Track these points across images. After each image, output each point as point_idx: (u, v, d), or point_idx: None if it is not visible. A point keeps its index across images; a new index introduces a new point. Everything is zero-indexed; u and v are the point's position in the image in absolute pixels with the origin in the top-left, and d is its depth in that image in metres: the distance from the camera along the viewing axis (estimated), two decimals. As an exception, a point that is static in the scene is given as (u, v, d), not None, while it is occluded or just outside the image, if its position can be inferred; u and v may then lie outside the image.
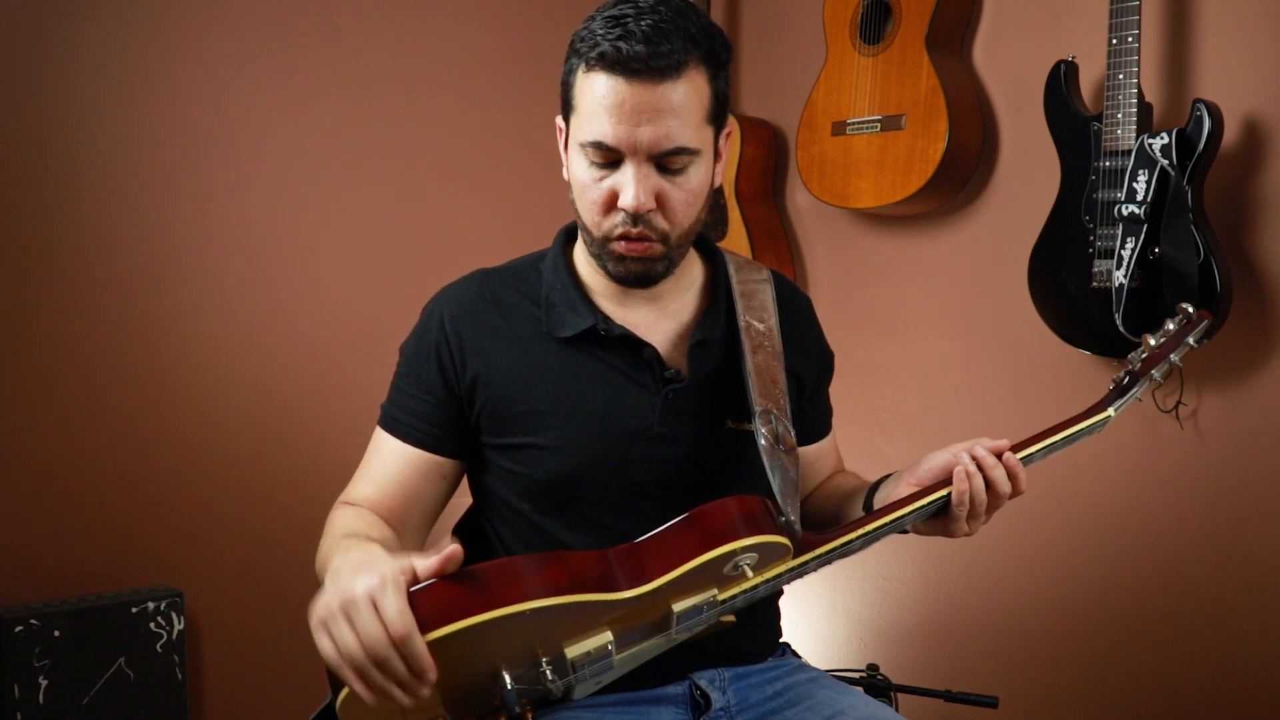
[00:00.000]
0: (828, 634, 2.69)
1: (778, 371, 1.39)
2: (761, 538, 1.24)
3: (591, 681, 1.25)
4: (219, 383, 2.42)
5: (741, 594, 1.26)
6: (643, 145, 1.26)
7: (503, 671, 1.17)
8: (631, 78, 1.24)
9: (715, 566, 1.23)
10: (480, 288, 1.44)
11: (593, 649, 1.19)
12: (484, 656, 1.17)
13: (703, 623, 1.27)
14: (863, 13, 2.42)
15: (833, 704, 1.40)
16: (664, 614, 1.23)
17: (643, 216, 1.29)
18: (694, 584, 1.23)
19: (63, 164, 2.28)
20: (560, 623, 1.18)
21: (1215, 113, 1.87)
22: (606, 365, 1.38)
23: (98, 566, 2.29)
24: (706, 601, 1.24)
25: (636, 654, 1.27)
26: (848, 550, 1.33)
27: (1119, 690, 2.21)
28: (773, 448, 1.33)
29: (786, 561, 1.28)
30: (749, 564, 1.24)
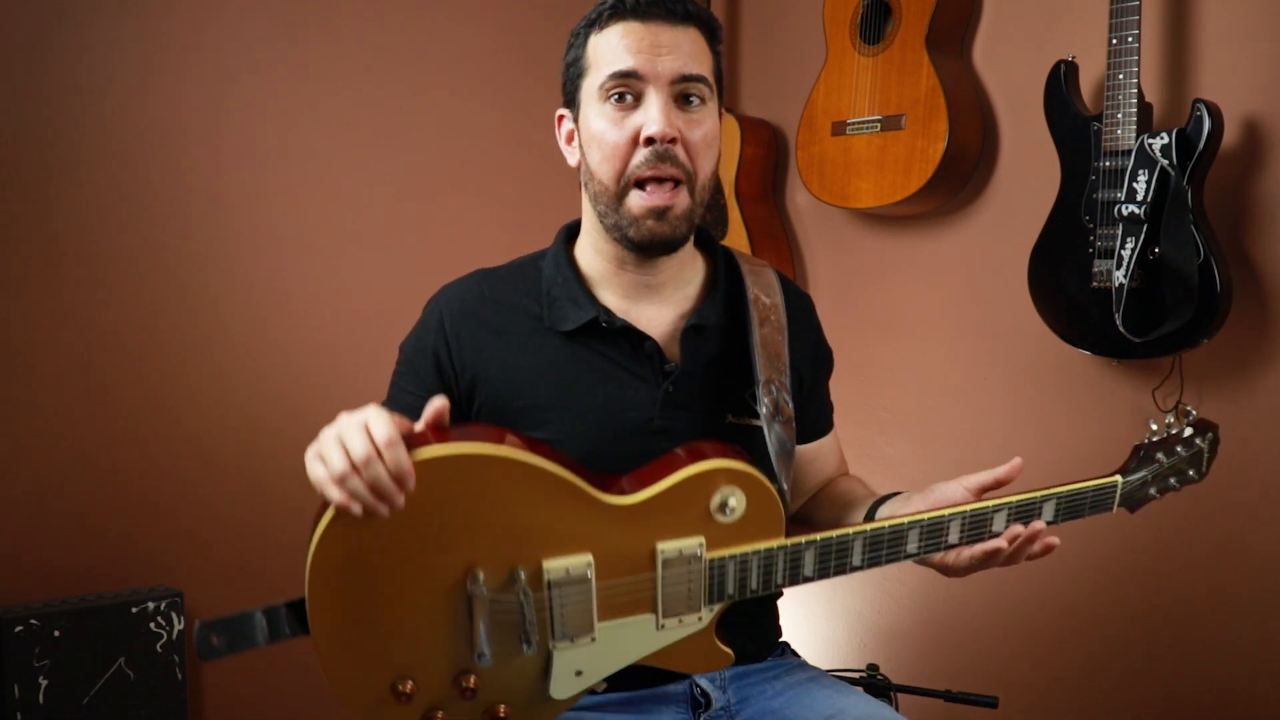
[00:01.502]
0: (828, 634, 2.69)
1: (781, 345, 1.41)
2: (750, 470, 1.25)
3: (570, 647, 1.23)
4: (219, 383, 2.42)
5: (730, 561, 1.25)
6: (664, 72, 1.32)
7: (478, 570, 1.18)
8: (647, 20, 1.33)
9: (701, 494, 1.24)
10: (480, 287, 1.45)
11: (571, 567, 1.20)
12: (463, 531, 1.18)
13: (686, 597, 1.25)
14: (863, 13, 2.42)
15: (832, 703, 1.40)
16: (649, 552, 1.23)
17: (667, 151, 1.31)
18: (681, 519, 1.24)
19: (63, 164, 2.28)
20: (540, 514, 1.19)
21: (1215, 113, 1.87)
22: (607, 359, 1.38)
23: (98, 566, 2.29)
24: (693, 552, 1.24)
25: (619, 634, 1.24)
26: (845, 553, 1.31)
27: (1118, 690, 2.21)
28: (772, 416, 1.35)
29: (776, 534, 1.27)
30: (736, 507, 1.24)
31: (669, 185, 1.32)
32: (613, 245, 1.39)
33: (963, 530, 1.34)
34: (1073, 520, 1.40)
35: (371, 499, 1.12)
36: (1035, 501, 1.36)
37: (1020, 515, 1.35)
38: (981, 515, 1.34)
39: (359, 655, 1.21)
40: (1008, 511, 1.35)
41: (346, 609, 1.19)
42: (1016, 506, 1.35)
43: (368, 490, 1.11)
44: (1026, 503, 1.35)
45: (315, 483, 1.14)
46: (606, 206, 1.35)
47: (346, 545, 1.17)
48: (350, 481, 1.11)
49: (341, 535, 1.16)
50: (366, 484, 1.11)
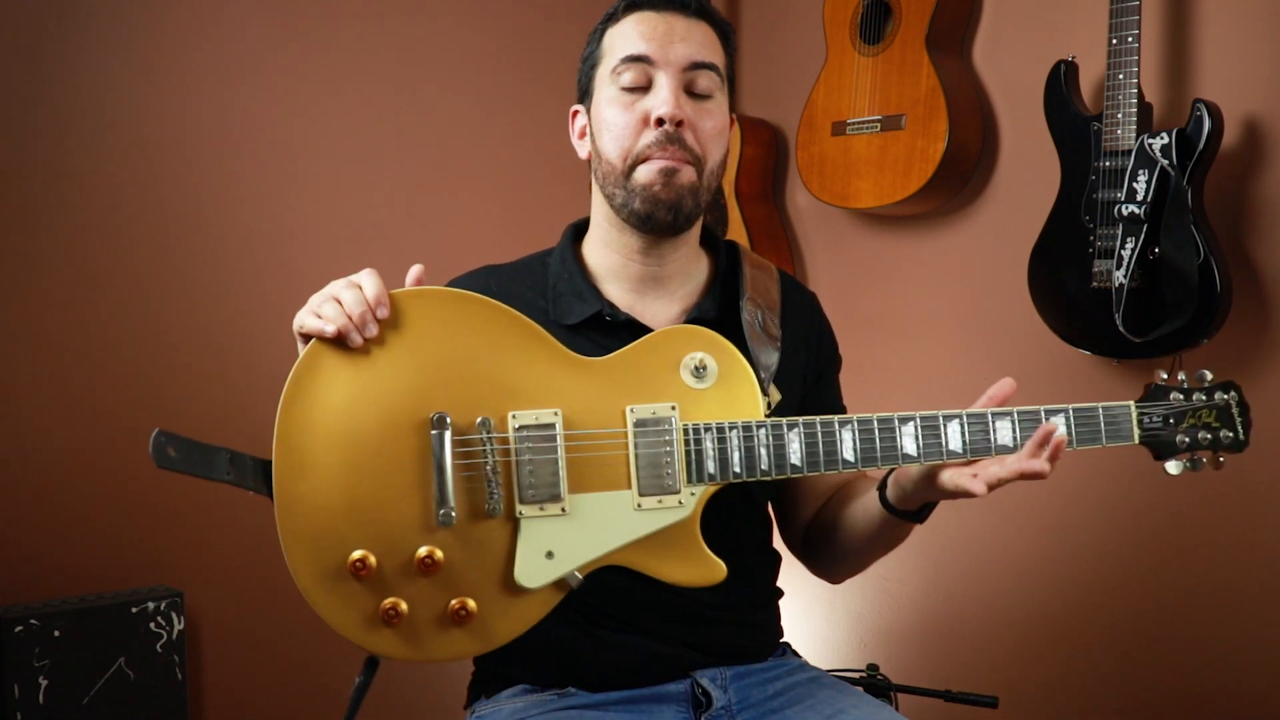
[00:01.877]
0: (828, 634, 2.69)
1: (773, 288, 1.44)
2: (721, 339, 1.26)
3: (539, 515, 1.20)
4: (219, 382, 2.42)
5: (707, 432, 1.23)
6: (675, 57, 1.34)
7: (445, 415, 1.19)
8: (661, 10, 1.35)
9: (672, 354, 1.24)
10: (486, 281, 1.45)
11: (539, 415, 1.20)
12: (431, 376, 1.19)
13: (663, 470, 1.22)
14: (863, 13, 2.42)
15: (833, 703, 1.40)
16: (620, 413, 1.23)
17: (676, 133, 1.32)
18: (653, 382, 1.24)
19: (63, 164, 2.27)
20: (510, 364, 1.21)
21: (1215, 113, 1.87)
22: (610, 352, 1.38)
23: (98, 566, 2.28)
24: (666, 414, 1.22)
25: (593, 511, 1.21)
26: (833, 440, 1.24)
27: (1118, 690, 2.21)
28: (756, 328, 1.36)
29: (753, 414, 1.24)
30: (708, 369, 1.24)
31: (679, 161, 1.34)
32: (621, 234, 1.40)
33: (964, 433, 1.25)
34: (1093, 446, 1.29)
35: (346, 321, 1.18)
36: (1040, 412, 1.27)
37: (1025, 424, 1.26)
38: (981, 418, 1.26)
39: (320, 516, 1.18)
40: (1011, 420, 1.26)
41: (313, 463, 1.18)
42: (1021, 414, 1.26)
43: (344, 314, 1.18)
44: (1032, 412, 1.26)
45: (297, 323, 1.22)
46: (614, 186, 1.36)
47: (318, 389, 1.19)
48: (327, 307, 1.19)
49: (313, 376, 1.19)
50: (345, 308, 1.19)
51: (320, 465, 1.18)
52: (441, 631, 1.20)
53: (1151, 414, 1.33)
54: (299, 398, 1.19)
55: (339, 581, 1.18)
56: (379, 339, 1.20)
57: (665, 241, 1.39)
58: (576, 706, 1.35)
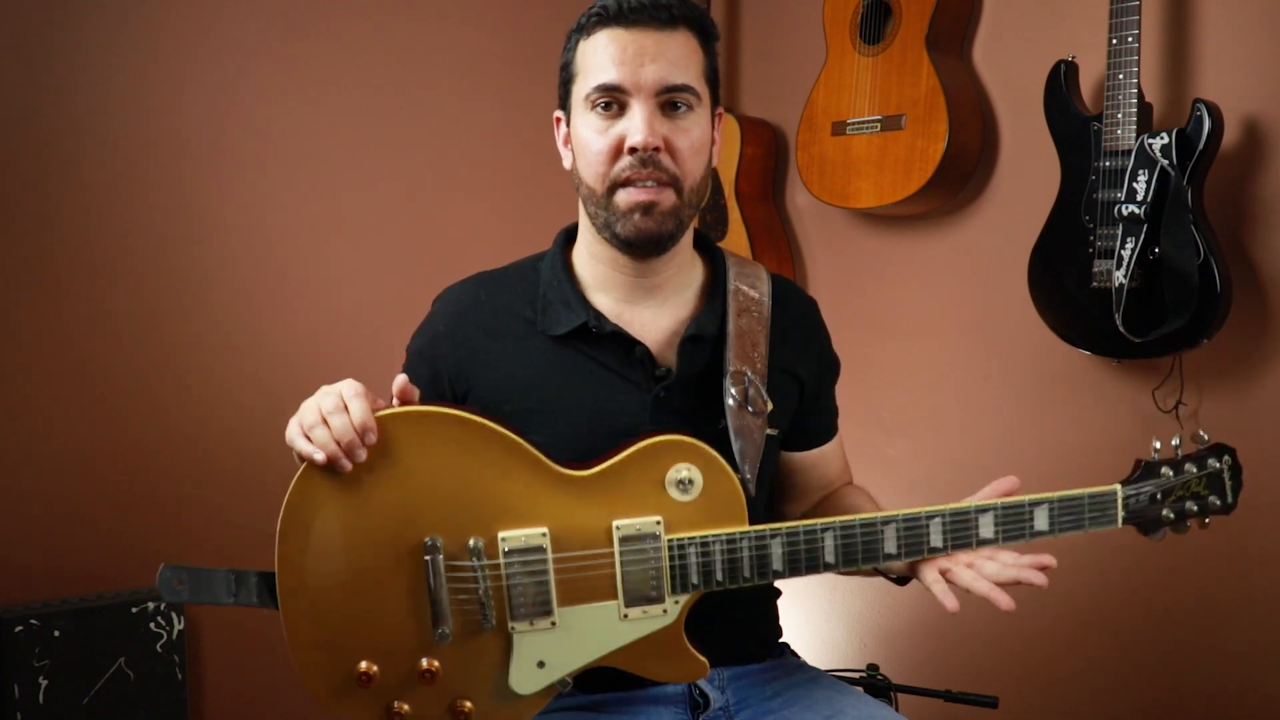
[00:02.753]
0: (828, 634, 2.69)
1: (760, 337, 1.40)
2: (706, 448, 1.26)
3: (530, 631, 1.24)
4: (220, 383, 2.42)
5: (691, 545, 1.24)
6: (647, 83, 1.30)
7: (436, 539, 1.22)
8: (631, 26, 1.31)
9: (657, 468, 1.25)
10: (477, 290, 1.45)
11: (525, 537, 1.23)
12: (421, 498, 1.22)
13: (649, 582, 1.24)
14: (863, 13, 2.42)
15: (832, 703, 1.40)
16: (606, 529, 1.24)
17: (651, 158, 1.31)
18: (637, 496, 1.25)
19: (62, 165, 2.28)
20: (497, 483, 1.23)
21: (1215, 113, 1.87)
22: (598, 364, 1.38)
23: (98, 566, 2.29)
24: (650, 530, 1.24)
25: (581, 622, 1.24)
26: (815, 547, 1.27)
27: (1118, 690, 2.21)
28: (740, 408, 1.34)
29: (739, 522, 1.26)
30: (693, 482, 1.25)
31: (654, 186, 1.32)
32: (606, 247, 1.38)
33: (945, 531, 1.29)
34: (1075, 533, 1.33)
35: (335, 448, 1.20)
36: (1024, 505, 1.29)
37: (1008, 519, 1.29)
38: (964, 515, 1.29)
39: (324, 632, 1.24)
40: (994, 514, 1.29)
41: (313, 581, 1.23)
42: (1004, 509, 1.29)
43: (333, 440, 1.19)
44: (1014, 505, 1.29)
45: (289, 440, 1.24)
46: (596, 207, 1.35)
47: (313, 513, 1.22)
48: (317, 431, 1.20)
49: (309, 501, 1.22)
50: (333, 434, 1.19)
51: (321, 584, 1.24)
52: None
53: (1139, 495, 1.34)
54: (295, 520, 1.24)
55: (347, 689, 1.25)
56: (367, 463, 1.23)
57: (653, 258, 1.38)
58: (574, 708, 1.36)
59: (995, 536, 1.29)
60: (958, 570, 1.29)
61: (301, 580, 1.24)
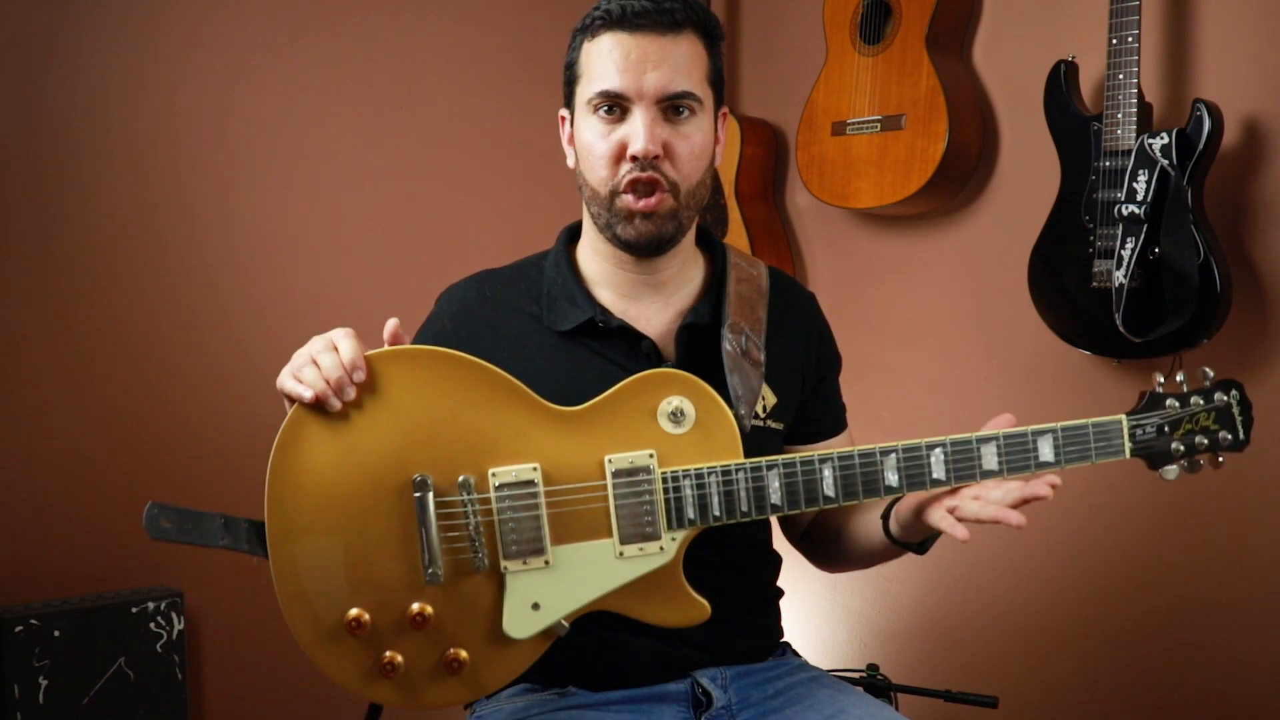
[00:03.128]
0: (828, 634, 2.69)
1: (758, 303, 1.41)
2: (698, 381, 1.25)
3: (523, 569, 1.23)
4: (219, 383, 2.42)
5: (686, 478, 1.23)
6: (649, 90, 1.31)
7: (426, 477, 1.21)
8: (635, 31, 1.31)
9: (648, 400, 1.24)
10: (481, 287, 1.46)
11: (517, 471, 1.22)
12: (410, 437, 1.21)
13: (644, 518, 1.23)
14: (863, 13, 2.42)
15: (833, 703, 1.40)
16: (598, 463, 1.24)
17: (652, 164, 1.31)
18: (630, 429, 1.24)
19: (62, 164, 2.27)
20: (487, 420, 1.22)
21: (1215, 113, 1.87)
22: (604, 359, 1.38)
23: (98, 566, 2.28)
24: (644, 463, 1.23)
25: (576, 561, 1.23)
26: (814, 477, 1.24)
27: (1118, 690, 2.21)
28: (738, 355, 1.34)
29: (734, 456, 1.25)
30: (685, 414, 1.24)
31: (654, 193, 1.33)
32: (610, 245, 1.39)
33: (947, 461, 1.25)
34: (1081, 464, 1.27)
35: (324, 386, 1.20)
36: (1027, 435, 1.25)
37: (1011, 449, 1.25)
38: (966, 446, 1.25)
39: (314, 576, 1.22)
40: (997, 444, 1.25)
41: (303, 526, 1.22)
42: (1007, 439, 1.25)
43: (321, 379, 1.20)
44: (1018, 435, 1.25)
45: (279, 385, 1.24)
46: (599, 208, 1.37)
47: (302, 455, 1.21)
48: (306, 371, 1.21)
49: (298, 442, 1.21)
50: (322, 373, 1.20)
51: (311, 528, 1.23)
52: (436, 681, 1.25)
53: (1145, 425, 1.30)
54: (285, 463, 1.23)
55: (336, 639, 1.23)
56: (357, 402, 1.22)
57: (654, 257, 1.39)
58: (577, 706, 1.36)
59: (999, 468, 1.25)
60: (964, 503, 1.24)
61: (291, 523, 1.22)
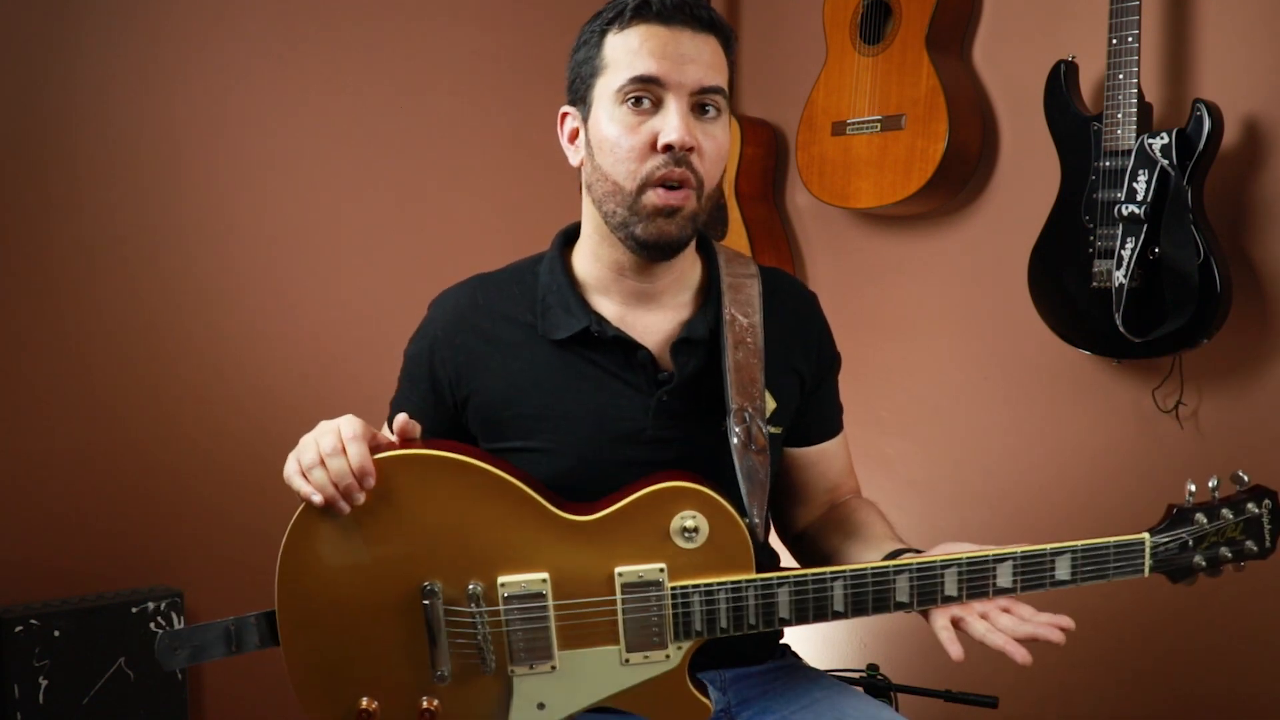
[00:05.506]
0: (828, 634, 2.69)
1: (756, 370, 1.38)
2: (713, 494, 1.24)
3: (529, 674, 1.24)
4: (219, 383, 2.42)
5: (695, 592, 1.23)
6: (687, 81, 1.30)
7: (435, 583, 1.22)
8: (671, 25, 1.30)
9: (661, 515, 1.23)
10: (475, 294, 1.44)
11: (526, 583, 1.22)
12: (421, 541, 1.21)
13: (651, 629, 1.23)
14: (863, 13, 2.42)
15: (833, 704, 1.40)
16: (608, 575, 1.23)
17: (684, 158, 1.29)
18: (641, 542, 1.23)
19: (62, 167, 2.28)
20: (497, 527, 1.22)
21: (1215, 113, 1.87)
22: (599, 368, 1.37)
23: (98, 566, 2.29)
24: (654, 578, 1.22)
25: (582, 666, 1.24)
26: (824, 595, 1.24)
27: (1118, 690, 2.21)
28: (744, 448, 1.32)
29: (745, 569, 1.25)
30: (698, 530, 1.23)
31: (680, 189, 1.31)
32: (613, 250, 1.37)
33: (961, 581, 1.25)
34: (1098, 582, 1.26)
35: (333, 491, 1.20)
36: (1045, 554, 1.24)
37: (1028, 568, 1.25)
38: (982, 565, 1.24)
39: (326, 668, 1.24)
40: (1013, 563, 1.24)
41: (313, 620, 1.24)
42: (1024, 558, 1.24)
43: (331, 482, 1.19)
44: (1035, 554, 1.24)
45: (287, 478, 1.23)
46: (618, 205, 1.32)
47: (313, 552, 1.22)
48: (315, 473, 1.20)
49: (308, 540, 1.22)
50: (331, 476, 1.19)
51: (321, 622, 1.24)
52: None
53: (1168, 545, 1.27)
54: (295, 559, 1.24)
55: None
56: (367, 506, 1.22)
57: (663, 261, 1.37)
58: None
59: (1013, 586, 1.25)
60: (971, 621, 1.25)
61: (301, 618, 1.24)
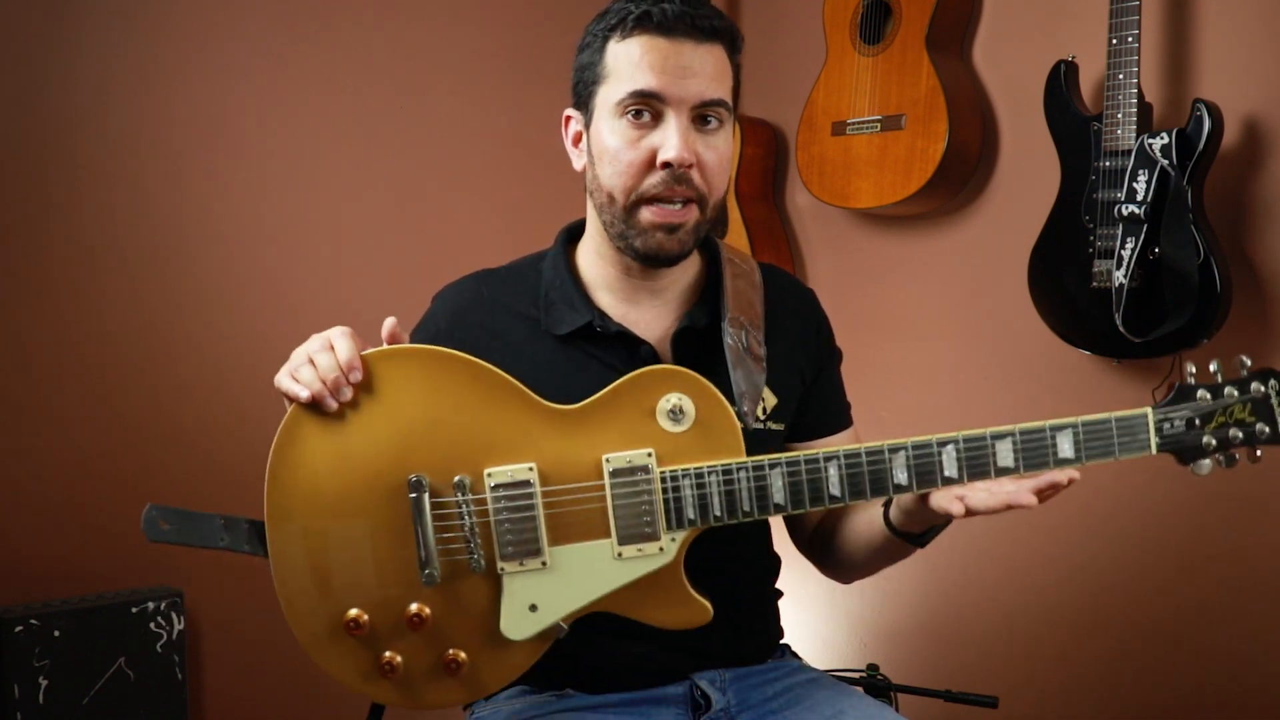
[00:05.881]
0: (828, 634, 2.69)
1: (755, 298, 1.40)
2: (697, 376, 1.23)
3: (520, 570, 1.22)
4: (220, 383, 2.42)
5: (685, 477, 1.21)
6: (688, 95, 1.29)
7: (421, 477, 1.21)
8: (672, 37, 1.29)
9: (647, 398, 1.22)
10: (479, 289, 1.44)
11: (512, 472, 1.22)
12: (407, 437, 1.21)
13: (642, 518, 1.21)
14: (863, 13, 2.42)
15: (833, 704, 1.40)
16: (595, 462, 1.22)
17: (683, 175, 1.29)
18: (628, 428, 1.22)
19: (61, 166, 2.28)
20: (483, 419, 1.21)
21: (1215, 113, 1.87)
22: (602, 364, 1.37)
23: (98, 566, 2.29)
24: (642, 462, 1.21)
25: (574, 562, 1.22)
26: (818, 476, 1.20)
27: (1118, 690, 2.21)
28: (740, 351, 1.32)
29: (735, 454, 1.22)
30: (685, 412, 1.22)
31: (679, 204, 1.30)
32: (616, 252, 1.37)
33: (960, 459, 1.19)
34: (1104, 460, 1.17)
35: (320, 386, 1.21)
36: (1045, 430, 1.18)
37: (1028, 444, 1.18)
38: (979, 443, 1.19)
39: (313, 576, 1.23)
40: (1013, 440, 1.18)
41: (301, 526, 1.23)
42: (1024, 434, 1.18)
43: (318, 379, 1.20)
44: (1035, 430, 1.18)
45: (277, 383, 1.25)
46: (613, 217, 1.33)
47: (301, 454, 1.22)
48: (303, 370, 1.22)
49: (295, 442, 1.22)
50: (319, 373, 1.21)
51: (310, 528, 1.23)
52: (435, 681, 1.25)
53: (1172, 419, 1.20)
54: (282, 462, 1.23)
55: (336, 639, 1.24)
56: (354, 402, 1.22)
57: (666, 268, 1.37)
58: (575, 709, 1.36)
59: (1015, 465, 1.18)
60: (974, 493, 1.19)
61: (289, 523, 1.23)
